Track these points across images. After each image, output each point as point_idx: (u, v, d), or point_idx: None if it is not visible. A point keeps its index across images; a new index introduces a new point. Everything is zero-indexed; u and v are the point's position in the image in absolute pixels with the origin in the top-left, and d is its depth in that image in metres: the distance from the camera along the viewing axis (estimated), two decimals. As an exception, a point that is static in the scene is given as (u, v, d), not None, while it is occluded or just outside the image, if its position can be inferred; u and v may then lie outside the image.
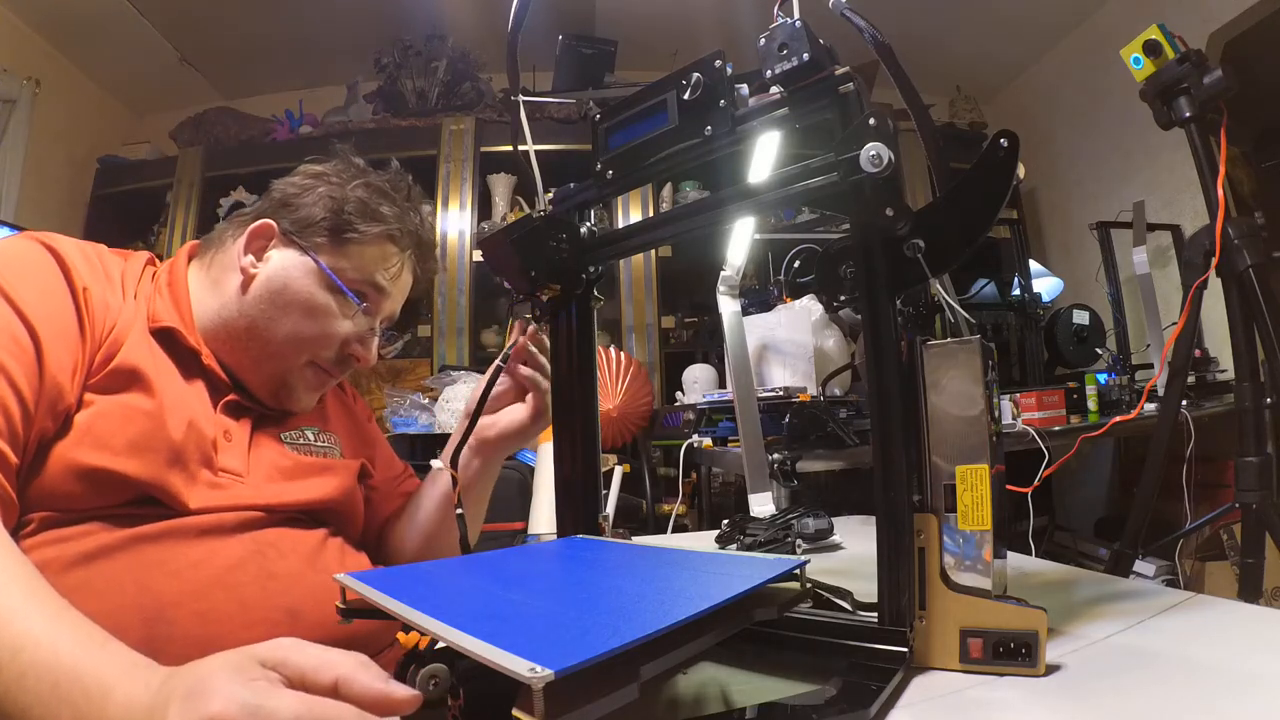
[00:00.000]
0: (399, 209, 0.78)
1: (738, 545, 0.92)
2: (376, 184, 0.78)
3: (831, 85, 0.51)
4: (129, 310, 0.68)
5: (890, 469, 0.48)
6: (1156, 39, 1.17)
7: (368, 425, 0.92)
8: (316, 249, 0.74)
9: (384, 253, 0.77)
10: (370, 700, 0.36)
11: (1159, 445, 1.34)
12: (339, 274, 0.74)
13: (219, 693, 0.35)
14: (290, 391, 0.76)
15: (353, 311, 0.75)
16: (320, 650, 0.38)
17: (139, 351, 0.65)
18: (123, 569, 0.59)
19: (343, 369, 0.78)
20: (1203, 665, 0.46)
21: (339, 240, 0.75)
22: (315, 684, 0.36)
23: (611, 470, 1.20)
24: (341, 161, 0.79)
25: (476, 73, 3.09)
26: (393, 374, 2.74)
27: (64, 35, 2.78)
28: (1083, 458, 2.59)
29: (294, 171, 0.79)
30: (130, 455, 0.61)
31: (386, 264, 0.77)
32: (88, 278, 0.66)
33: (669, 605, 0.39)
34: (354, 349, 0.77)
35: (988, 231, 0.47)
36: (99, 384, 0.63)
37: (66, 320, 0.62)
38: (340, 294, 0.74)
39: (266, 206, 0.77)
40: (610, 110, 0.65)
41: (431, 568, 0.54)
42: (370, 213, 0.75)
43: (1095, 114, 3.01)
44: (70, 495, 0.59)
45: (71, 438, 0.60)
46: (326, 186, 0.76)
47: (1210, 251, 1.18)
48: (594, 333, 0.71)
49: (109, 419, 0.61)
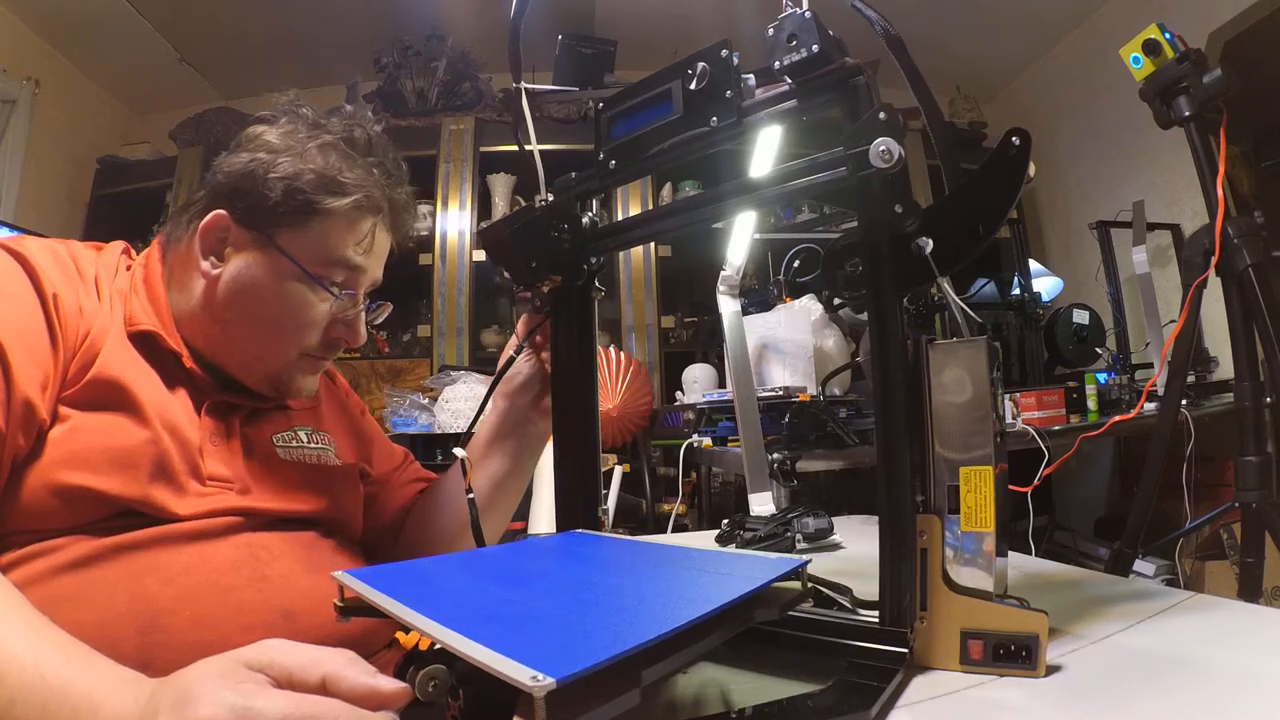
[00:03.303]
0: (361, 169, 0.70)
1: (737, 545, 0.92)
2: (331, 142, 0.70)
3: (841, 78, 0.50)
4: (104, 313, 0.65)
5: (894, 469, 0.47)
6: (1156, 39, 1.16)
7: (362, 420, 0.90)
8: (279, 237, 0.68)
9: (354, 225, 0.70)
10: (358, 695, 0.36)
11: (1159, 445, 1.33)
12: (308, 258, 0.68)
13: (206, 698, 0.35)
14: (288, 383, 0.73)
15: (331, 296, 0.71)
16: (306, 649, 0.38)
17: (117, 360, 0.63)
18: (114, 577, 0.57)
19: (333, 352, 0.75)
20: (1202, 665, 0.46)
21: (301, 221, 0.68)
22: (303, 683, 0.37)
23: (611, 470, 1.20)
24: (289, 118, 0.71)
25: (476, 73, 3.09)
26: (393, 374, 2.73)
27: (64, 35, 2.78)
28: (1083, 457, 2.59)
29: (237, 143, 0.71)
30: (113, 472, 0.59)
31: (358, 236, 0.70)
32: (58, 282, 0.62)
33: (671, 608, 0.39)
34: (339, 332, 0.73)
35: (997, 230, 0.46)
36: (76, 397, 0.60)
37: (35, 331, 0.59)
38: (314, 279, 0.69)
39: (215, 193, 0.69)
40: (614, 99, 0.63)
41: (430, 565, 0.53)
42: (330, 185, 0.68)
43: (1095, 114, 3.01)
44: (51, 513, 0.57)
45: (50, 456, 0.58)
46: (277, 160, 0.67)
47: (1210, 251, 1.18)
48: (595, 324, 0.70)
49: (89, 435, 0.59)
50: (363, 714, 0.35)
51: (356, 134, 0.72)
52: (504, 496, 0.84)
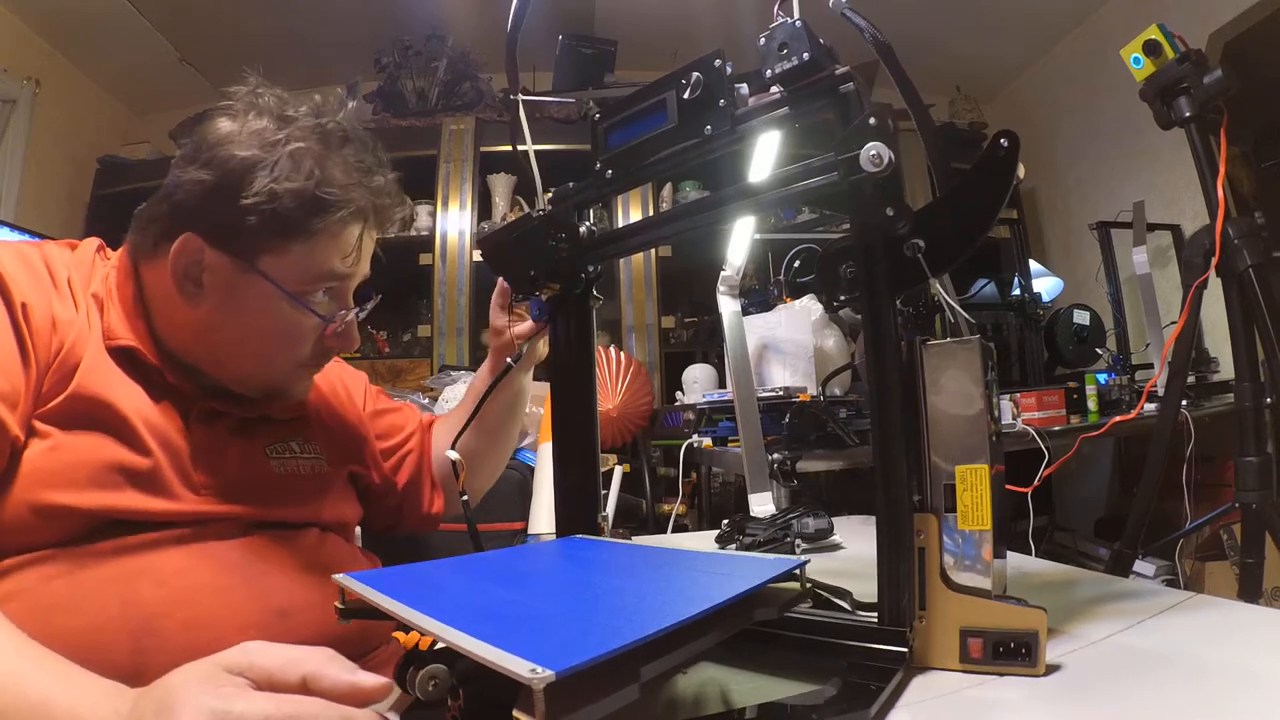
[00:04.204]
0: (340, 171, 0.65)
1: (737, 545, 0.92)
2: (304, 148, 0.63)
3: (831, 85, 0.51)
4: (80, 323, 0.62)
5: (890, 469, 0.48)
6: (1156, 39, 1.16)
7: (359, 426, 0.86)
8: (260, 262, 0.63)
9: (339, 239, 0.65)
10: (340, 693, 0.36)
11: (1159, 445, 1.33)
12: (293, 278, 0.64)
13: (187, 704, 0.35)
14: (282, 392, 0.73)
15: (321, 312, 0.68)
16: (285, 649, 0.38)
17: (98, 375, 0.60)
18: (105, 582, 0.56)
19: (328, 358, 0.74)
20: (1203, 665, 0.46)
21: (282, 245, 0.63)
22: (284, 683, 0.37)
23: (611, 470, 1.20)
24: (252, 111, 0.64)
25: (476, 72, 3.09)
26: (393, 374, 2.73)
27: (64, 35, 2.78)
28: (1083, 458, 2.59)
29: (196, 147, 0.64)
30: (99, 490, 0.58)
31: (345, 250, 0.66)
32: (28, 290, 0.59)
33: (669, 605, 0.39)
34: (332, 342, 0.71)
35: (988, 231, 0.47)
36: (55, 413, 0.58)
37: (3, 344, 0.57)
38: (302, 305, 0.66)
39: (180, 210, 0.64)
40: (610, 109, 0.64)
41: (430, 568, 0.53)
42: (312, 204, 0.62)
43: (1095, 114, 3.01)
44: (32, 530, 0.56)
45: (29, 475, 0.56)
46: (248, 178, 0.60)
47: (1210, 251, 1.18)
48: (593, 332, 0.71)
49: (71, 453, 0.57)
50: (344, 710, 0.35)
51: (330, 127, 0.66)
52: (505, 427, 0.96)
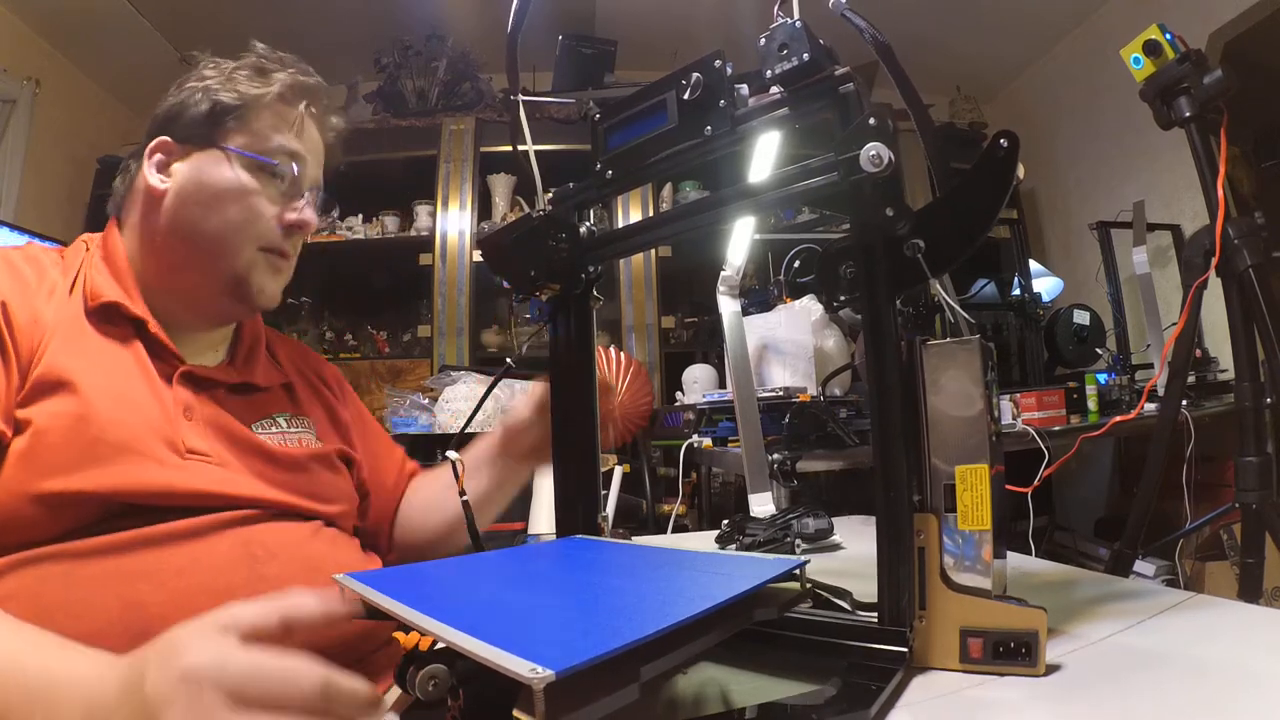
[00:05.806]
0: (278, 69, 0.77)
1: (737, 545, 0.92)
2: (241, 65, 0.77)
3: (831, 85, 0.51)
4: (65, 310, 0.65)
5: (890, 469, 0.48)
6: (1156, 39, 1.16)
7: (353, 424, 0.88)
8: (217, 138, 0.73)
9: (283, 113, 0.76)
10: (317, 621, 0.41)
11: (1159, 445, 1.33)
12: (247, 147, 0.73)
13: (190, 647, 0.38)
14: (249, 285, 0.74)
15: (276, 180, 0.75)
16: (259, 604, 0.41)
17: (65, 351, 0.62)
18: (104, 584, 0.56)
19: (291, 243, 0.77)
20: (1203, 665, 0.46)
21: (236, 119, 0.74)
22: (266, 630, 0.40)
23: (611, 470, 1.20)
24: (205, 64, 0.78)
25: (476, 72, 3.09)
26: (393, 374, 2.73)
27: (64, 35, 2.78)
28: (1083, 458, 2.59)
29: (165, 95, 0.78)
30: (86, 466, 0.58)
31: (289, 120, 0.77)
32: (7, 289, 0.61)
33: (669, 605, 0.39)
34: (291, 218, 0.75)
35: (988, 232, 0.47)
36: (28, 401, 0.59)
37: None
38: (257, 167, 0.73)
39: (153, 129, 0.76)
40: (610, 110, 0.65)
41: (430, 568, 0.54)
42: (253, 78, 0.75)
43: (1095, 114, 3.01)
44: (33, 524, 0.56)
45: (18, 467, 0.56)
46: (204, 82, 0.75)
47: (1210, 251, 1.18)
48: (593, 333, 0.71)
49: (47, 436, 0.58)
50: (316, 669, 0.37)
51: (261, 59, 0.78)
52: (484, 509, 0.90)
